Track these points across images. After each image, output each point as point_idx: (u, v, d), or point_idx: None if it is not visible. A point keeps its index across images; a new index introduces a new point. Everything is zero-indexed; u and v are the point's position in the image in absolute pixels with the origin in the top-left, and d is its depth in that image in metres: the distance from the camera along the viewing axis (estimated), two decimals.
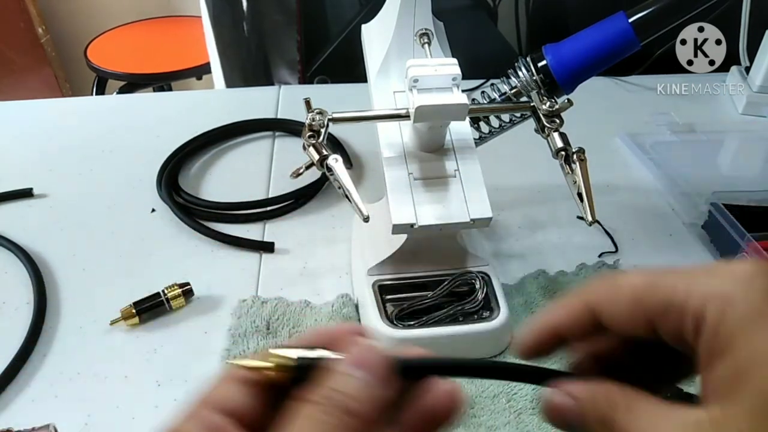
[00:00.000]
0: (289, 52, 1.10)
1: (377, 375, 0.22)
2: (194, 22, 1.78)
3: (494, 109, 0.59)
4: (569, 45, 0.57)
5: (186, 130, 0.82)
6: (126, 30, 1.97)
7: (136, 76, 1.78)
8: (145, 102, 1.01)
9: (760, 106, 0.90)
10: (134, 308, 0.57)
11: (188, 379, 0.53)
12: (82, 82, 2.09)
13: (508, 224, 0.71)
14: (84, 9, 2.12)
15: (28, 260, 0.63)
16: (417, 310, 0.55)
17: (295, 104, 0.91)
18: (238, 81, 1.15)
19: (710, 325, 0.21)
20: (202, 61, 1.71)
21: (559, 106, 0.54)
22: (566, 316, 0.26)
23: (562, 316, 0.26)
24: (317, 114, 0.51)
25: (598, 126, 0.86)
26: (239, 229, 0.69)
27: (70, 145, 0.82)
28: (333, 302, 0.59)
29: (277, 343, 0.55)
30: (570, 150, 0.52)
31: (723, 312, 0.21)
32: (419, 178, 0.53)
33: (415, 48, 0.57)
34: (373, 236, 0.60)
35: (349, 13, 1.08)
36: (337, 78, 1.07)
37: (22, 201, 0.73)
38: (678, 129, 0.87)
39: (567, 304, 0.26)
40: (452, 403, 0.25)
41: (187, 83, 1.87)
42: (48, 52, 2.04)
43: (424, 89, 0.49)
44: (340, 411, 0.21)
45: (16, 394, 0.51)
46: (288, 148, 0.83)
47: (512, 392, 0.52)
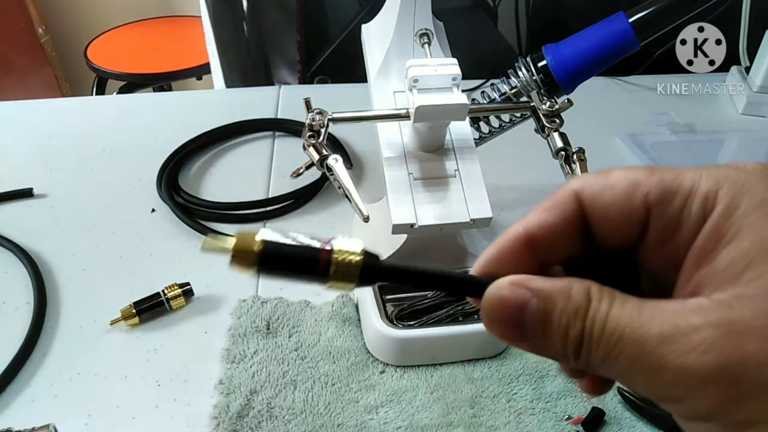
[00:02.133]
0: (289, 52, 1.11)
1: None
2: (194, 22, 1.78)
3: (494, 109, 0.59)
4: (569, 45, 0.57)
5: (186, 130, 0.82)
6: (126, 30, 1.97)
7: (136, 76, 1.78)
8: (145, 102, 1.01)
9: (760, 106, 0.90)
10: (134, 308, 0.57)
11: (188, 379, 0.53)
12: (82, 82, 2.09)
13: (509, 224, 0.70)
14: (84, 9, 2.12)
15: (28, 260, 0.63)
16: (417, 310, 0.55)
17: (295, 104, 0.91)
18: (238, 81, 1.15)
19: (724, 206, 0.20)
20: (202, 61, 1.71)
21: (559, 106, 0.54)
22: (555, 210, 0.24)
23: (551, 217, 0.24)
24: (317, 114, 0.51)
25: (598, 126, 0.86)
26: (239, 229, 0.69)
27: (70, 145, 0.82)
28: (333, 302, 0.59)
29: (277, 342, 0.55)
30: (570, 150, 0.52)
31: (738, 195, 0.20)
32: (419, 178, 0.53)
33: (415, 48, 0.57)
34: (373, 236, 0.60)
35: (349, 13, 1.08)
36: (337, 78, 1.07)
37: (22, 201, 0.73)
38: (678, 129, 0.87)
39: (554, 198, 0.24)
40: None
41: (187, 83, 1.87)
42: (48, 52, 2.04)
43: (424, 89, 0.50)
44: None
45: (16, 394, 0.51)
46: (288, 148, 0.83)
47: (512, 392, 0.52)
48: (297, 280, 0.21)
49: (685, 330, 0.19)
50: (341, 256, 0.21)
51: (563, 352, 0.21)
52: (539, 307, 0.21)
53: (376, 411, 0.51)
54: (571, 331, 0.21)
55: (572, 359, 0.21)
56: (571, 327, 0.21)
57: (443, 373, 0.54)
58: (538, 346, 0.22)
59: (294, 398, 0.51)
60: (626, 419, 0.51)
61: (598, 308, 0.21)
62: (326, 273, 0.21)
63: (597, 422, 0.50)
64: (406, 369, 0.54)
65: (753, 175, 0.21)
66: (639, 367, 0.20)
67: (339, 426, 0.50)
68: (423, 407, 0.51)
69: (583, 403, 0.52)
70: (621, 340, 0.20)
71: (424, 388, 0.53)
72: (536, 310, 0.21)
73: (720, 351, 0.18)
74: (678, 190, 0.22)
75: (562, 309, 0.21)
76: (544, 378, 0.54)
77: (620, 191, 0.22)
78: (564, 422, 0.51)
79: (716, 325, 0.19)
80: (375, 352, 0.55)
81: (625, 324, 0.20)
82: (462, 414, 0.51)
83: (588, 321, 0.21)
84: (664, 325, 0.19)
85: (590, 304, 0.21)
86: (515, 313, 0.22)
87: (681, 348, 0.19)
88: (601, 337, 0.20)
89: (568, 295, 0.21)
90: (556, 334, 0.21)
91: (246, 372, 0.53)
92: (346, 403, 0.51)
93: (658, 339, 0.19)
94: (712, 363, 0.18)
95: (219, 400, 0.50)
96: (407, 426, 0.50)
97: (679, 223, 0.22)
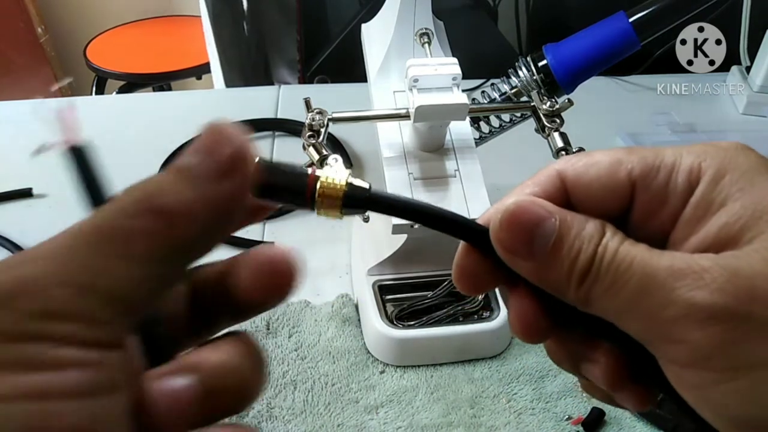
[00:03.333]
0: (289, 52, 1.11)
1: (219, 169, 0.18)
2: (194, 21, 1.78)
3: (494, 108, 0.59)
4: (569, 45, 0.57)
5: (186, 130, 0.81)
6: (125, 30, 1.97)
7: (136, 76, 1.78)
8: (145, 102, 1.01)
9: (760, 106, 0.90)
10: None
11: None
12: (81, 81, 2.09)
13: None
14: (84, 9, 2.12)
15: None
16: (417, 310, 0.55)
17: (295, 104, 0.91)
18: (238, 81, 1.15)
19: (710, 177, 0.21)
20: (202, 61, 1.70)
21: (559, 106, 0.54)
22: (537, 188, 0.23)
23: (536, 192, 0.23)
24: (317, 114, 0.51)
25: (598, 126, 0.86)
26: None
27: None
28: (333, 302, 0.59)
29: (277, 342, 0.55)
30: (570, 150, 0.52)
31: (722, 166, 0.21)
32: (419, 178, 0.53)
33: (415, 47, 0.57)
34: (373, 236, 0.60)
35: (349, 13, 1.08)
36: (337, 78, 1.07)
37: (22, 201, 0.72)
38: (678, 129, 0.87)
39: (537, 177, 0.24)
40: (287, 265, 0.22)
41: (187, 83, 1.87)
42: (47, 52, 2.04)
43: (424, 89, 0.49)
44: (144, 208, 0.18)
45: None
46: (288, 148, 0.83)
47: (512, 392, 0.52)
48: (287, 202, 0.22)
49: (696, 269, 0.19)
50: (327, 180, 0.22)
51: (566, 278, 0.21)
52: (555, 226, 0.21)
53: (376, 411, 0.51)
54: (581, 256, 0.21)
55: (574, 287, 0.21)
56: (582, 252, 0.21)
57: (443, 373, 0.54)
58: (540, 269, 0.22)
59: (294, 398, 0.51)
60: (626, 419, 0.51)
61: (611, 238, 0.21)
62: (313, 196, 0.22)
63: (597, 422, 0.50)
64: (406, 369, 0.54)
65: (731, 150, 0.22)
66: (643, 300, 0.20)
67: (339, 426, 0.50)
68: (423, 407, 0.51)
69: (583, 403, 0.52)
70: (629, 269, 0.20)
71: (424, 388, 0.53)
72: (551, 228, 0.21)
73: (730, 290, 0.19)
74: (661, 166, 0.22)
75: (576, 234, 0.21)
76: (545, 378, 0.54)
77: (603, 168, 0.23)
78: (564, 422, 0.51)
79: (726, 269, 0.19)
80: (375, 352, 0.55)
81: (635, 254, 0.20)
82: (462, 414, 0.51)
83: (600, 247, 0.21)
84: (675, 260, 0.20)
85: (605, 234, 0.21)
86: (529, 226, 0.21)
87: (692, 283, 0.19)
88: (610, 264, 0.20)
89: (583, 224, 0.21)
90: (565, 258, 0.21)
91: None
92: (346, 403, 0.51)
93: (668, 272, 0.20)
94: (721, 301, 0.19)
95: None
96: (407, 426, 0.50)
97: (665, 196, 0.22)
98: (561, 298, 0.22)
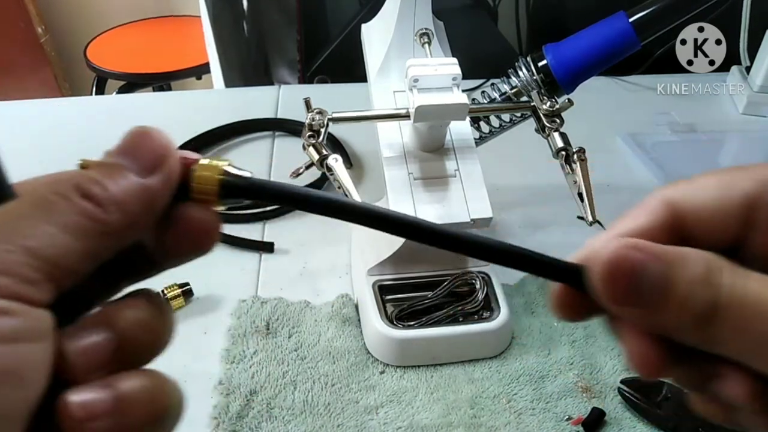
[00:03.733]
0: (289, 52, 1.10)
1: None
2: (194, 22, 1.78)
3: (494, 108, 0.59)
4: (569, 45, 0.57)
5: (186, 130, 0.82)
6: (125, 30, 1.97)
7: (136, 76, 1.78)
8: (145, 102, 1.01)
9: (760, 105, 0.90)
10: None
11: (188, 380, 0.53)
12: (81, 81, 2.09)
13: (509, 224, 0.70)
14: (84, 9, 2.12)
15: None
16: (417, 310, 0.55)
17: (295, 104, 0.91)
18: (238, 81, 1.15)
19: None
20: (202, 61, 1.70)
21: (559, 106, 0.54)
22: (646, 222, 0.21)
23: (642, 222, 0.21)
24: (317, 114, 0.51)
25: (598, 126, 0.86)
26: (239, 229, 0.69)
27: (70, 145, 0.82)
28: (333, 302, 0.59)
29: (277, 343, 0.55)
30: (570, 150, 0.52)
31: None
32: (419, 178, 0.53)
33: (415, 48, 0.57)
34: (373, 236, 0.60)
35: (349, 13, 1.08)
36: (337, 78, 1.07)
37: None
38: (679, 129, 0.87)
39: (645, 206, 0.22)
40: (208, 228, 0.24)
41: (186, 83, 1.87)
42: (48, 52, 2.04)
43: (424, 89, 0.49)
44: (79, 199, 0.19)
45: None
46: (288, 148, 0.83)
47: (512, 392, 0.52)
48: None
49: None
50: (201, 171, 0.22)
51: (680, 323, 0.20)
52: (661, 271, 0.19)
53: (376, 411, 0.51)
54: (697, 300, 0.19)
55: (691, 331, 0.20)
56: (698, 296, 0.19)
57: (443, 374, 0.54)
58: (651, 314, 0.20)
59: (294, 399, 0.51)
60: (626, 419, 0.51)
61: (729, 274, 0.19)
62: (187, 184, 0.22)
63: (597, 422, 0.50)
64: (406, 369, 0.54)
65: None
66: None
67: (339, 426, 0.50)
68: (423, 407, 0.51)
69: (584, 404, 0.52)
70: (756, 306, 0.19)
71: (424, 388, 0.53)
72: (658, 273, 0.19)
73: None
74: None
75: (688, 275, 0.19)
76: (545, 378, 0.54)
77: (712, 191, 0.21)
78: (564, 422, 0.51)
79: None
80: (375, 352, 0.55)
81: (759, 288, 0.19)
82: (462, 414, 0.51)
83: (718, 286, 0.19)
84: None
85: (721, 273, 0.19)
86: (631, 274, 0.20)
87: None
88: (730, 304, 0.19)
89: (695, 261, 0.20)
90: (679, 303, 0.19)
91: (246, 372, 0.53)
92: (346, 403, 0.51)
93: None
94: None
95: (219, 401, 0.50)
96: (407, 426, 0.50)
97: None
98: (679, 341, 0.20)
